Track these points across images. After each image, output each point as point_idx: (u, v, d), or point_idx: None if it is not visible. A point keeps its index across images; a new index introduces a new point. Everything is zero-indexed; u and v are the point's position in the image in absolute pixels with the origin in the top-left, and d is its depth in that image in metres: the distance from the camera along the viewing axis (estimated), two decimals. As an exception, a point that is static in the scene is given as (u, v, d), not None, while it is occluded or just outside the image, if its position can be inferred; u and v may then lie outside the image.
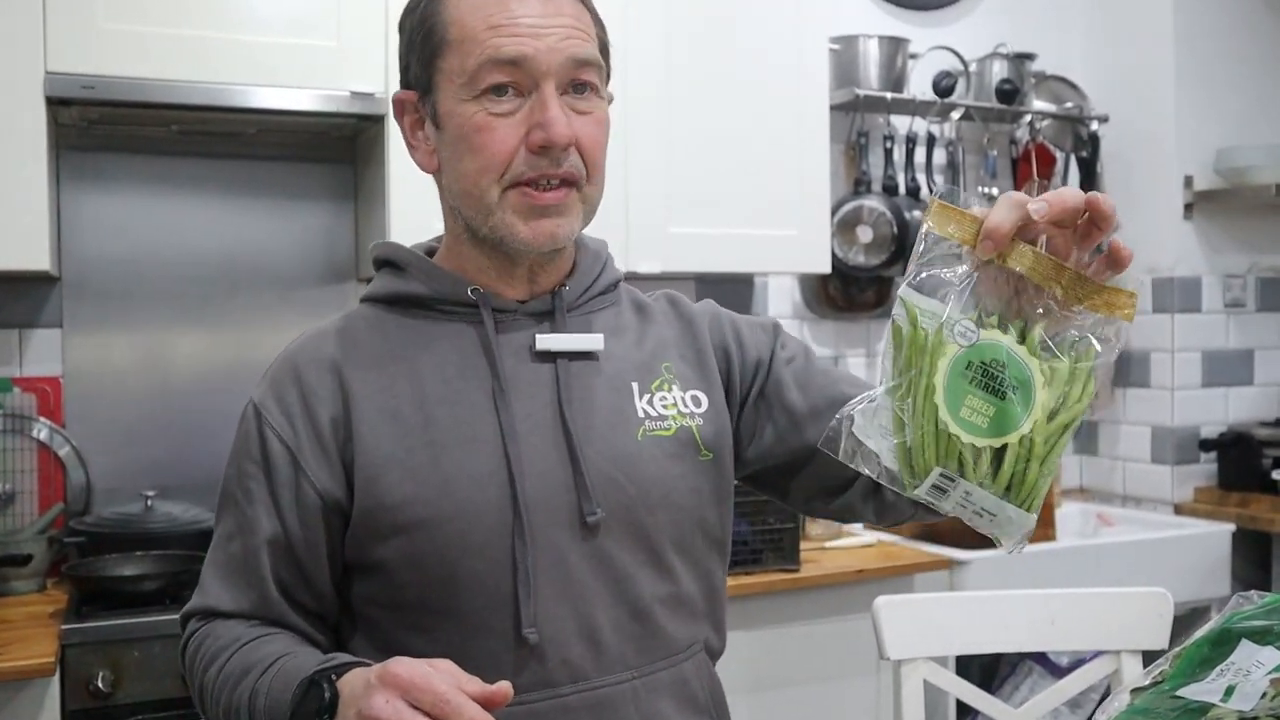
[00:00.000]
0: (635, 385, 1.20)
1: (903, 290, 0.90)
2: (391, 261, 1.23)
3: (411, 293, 1.20)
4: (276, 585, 1.14)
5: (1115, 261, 0.90)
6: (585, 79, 1.14)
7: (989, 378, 0.87)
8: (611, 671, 1.14)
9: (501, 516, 1.11)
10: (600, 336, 1.20)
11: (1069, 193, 0.89)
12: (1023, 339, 0.89)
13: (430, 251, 1.25)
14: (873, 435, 0.90)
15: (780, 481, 1.28)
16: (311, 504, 1.13)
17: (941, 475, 0.88)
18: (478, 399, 1.14)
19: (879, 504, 1.22)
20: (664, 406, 1.20)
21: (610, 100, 1.21)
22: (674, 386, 1.22)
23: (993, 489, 0.88)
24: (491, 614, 1.11)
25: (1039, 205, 0.87)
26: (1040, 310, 0.89)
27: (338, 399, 1.14)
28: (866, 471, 0.91)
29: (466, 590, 1.11)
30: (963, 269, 0.89)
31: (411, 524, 1.10)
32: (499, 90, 1.11)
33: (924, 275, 0.90)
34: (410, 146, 1.21)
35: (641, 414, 1.19)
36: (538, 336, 1.17)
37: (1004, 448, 0.87)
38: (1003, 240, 0.87)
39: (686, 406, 1.22)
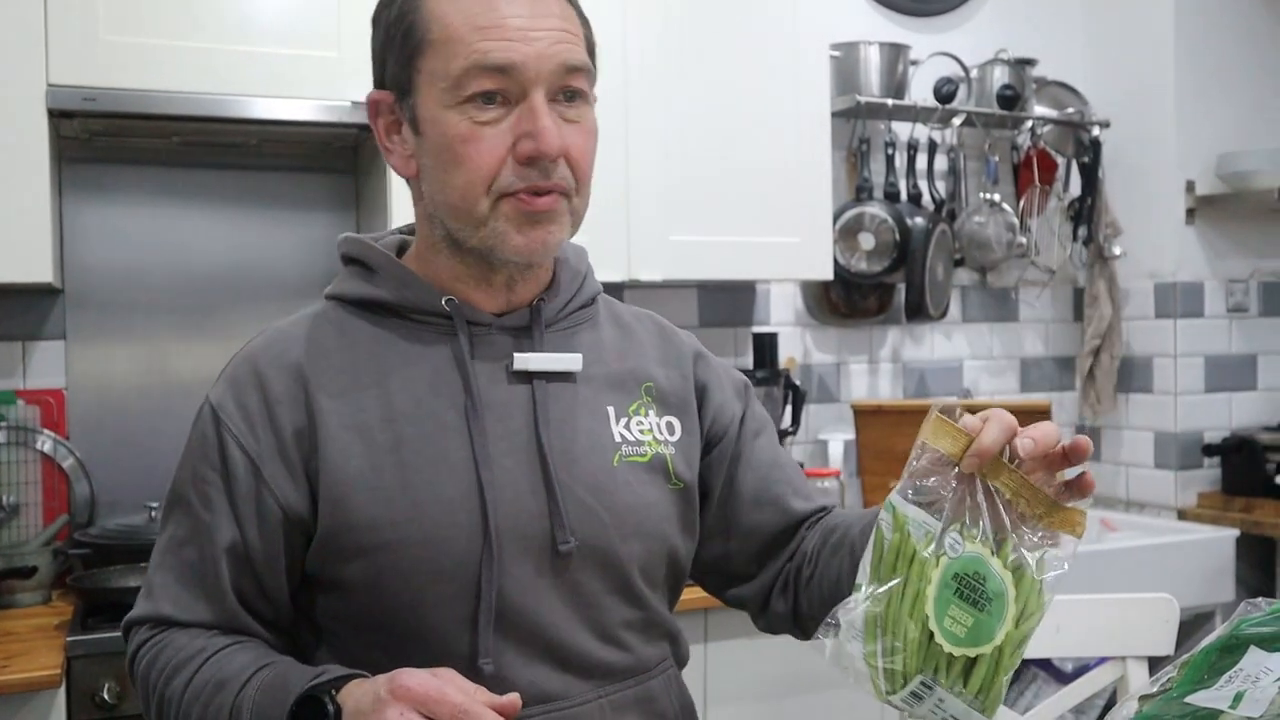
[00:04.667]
0: (612, 409, 1.17)
1: (894, 498, 0.93)
2: (360, 261, 1.16)
3: (381, 299, 1.13)
4: (236, 595, 1.08)
5: (1081, 491, 0.95)
6: (575, 85, 1.08)
7: (970, 589, 0.91)
8: (580, 693, 1.11)
9: (471, 544, 1.07)
10: (579, 357, 1.15)
11: (1051, 432, 0.94)
12: (995, 551, 0.93)
13: (401, 248, 1.19)
14: (850, 639, 0.93)
15: None
16: (273, 517, 1.07)
17: (921, 683, 0.91)
18: (450, 418, 1.09)
19: (769, 616, 1.24)
20: (640, 431, 1.17)
21: (594, 101, 1.14)
22: (650, 411, 1.19)
23: (965, 696, 0.91)
24: (455, 640, 1.07)
25: (1027, 444, 0.92)
26: (1006, 523, 0.93)
27: (302, 410, 1.08)
28: (849, 679, 0.94)
29: (431, 615, 1.07)
30: (951, 482, 0.93)
31: (377, 546, 1.06)
32: (486, 98, 1.05)
33: (914, 485, 0.93)
34: (385, 150, 1.14)
35: (619, 439, 1.16)
36: (515, 356, 1.12)
37: (978, 657, 0.91)
38: (988, 459, 0.91)
39: (662, 434, 1.19)
